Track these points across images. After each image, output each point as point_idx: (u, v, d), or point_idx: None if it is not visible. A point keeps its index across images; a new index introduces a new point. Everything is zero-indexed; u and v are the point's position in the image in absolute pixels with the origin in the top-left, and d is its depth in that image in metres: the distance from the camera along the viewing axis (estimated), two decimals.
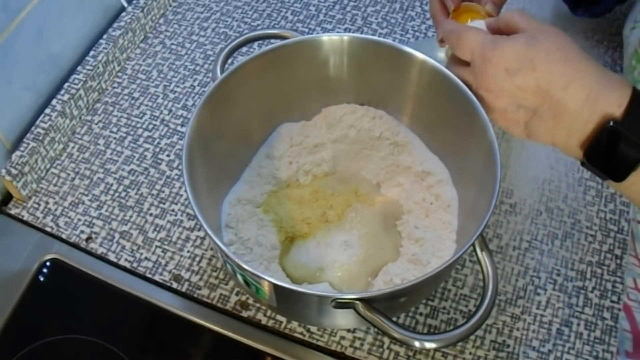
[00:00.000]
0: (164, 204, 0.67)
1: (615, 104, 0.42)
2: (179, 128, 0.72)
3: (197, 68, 0.77)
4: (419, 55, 0.55)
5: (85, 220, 0.66)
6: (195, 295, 0.61)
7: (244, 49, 0.75)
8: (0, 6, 0.62)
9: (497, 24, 0.50)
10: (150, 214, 0.66)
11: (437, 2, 0.57)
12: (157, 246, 0.64)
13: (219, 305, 0.60)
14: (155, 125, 0.73)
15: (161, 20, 0.82)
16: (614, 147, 0.42)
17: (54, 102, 0.70)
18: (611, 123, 0.41)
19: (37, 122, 0.68)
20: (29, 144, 0.67)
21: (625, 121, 0.41)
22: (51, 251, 0.63)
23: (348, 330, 0.58)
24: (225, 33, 0.80)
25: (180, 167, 0.69)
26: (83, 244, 0.64)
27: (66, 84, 0.71)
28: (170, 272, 0.62)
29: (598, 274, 0.61)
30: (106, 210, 0.66)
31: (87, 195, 0.67)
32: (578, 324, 0.58)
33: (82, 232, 0.65)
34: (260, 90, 0.59)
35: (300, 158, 0.62)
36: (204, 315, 0.59)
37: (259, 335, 0.58)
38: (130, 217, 0.66)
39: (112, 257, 0.63)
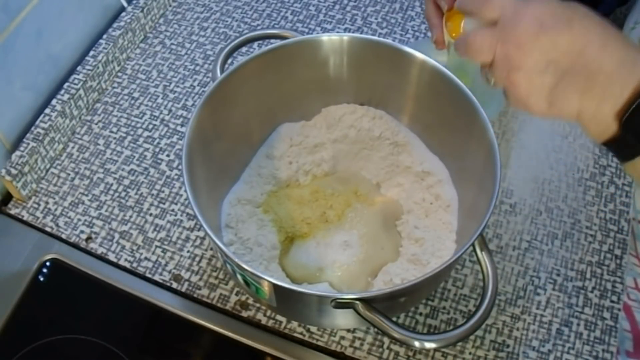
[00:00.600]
0: (164, 204, 0.67)
1: None
2: (179, 128, 0.72)
3: (197, 68, 0.77)
4: (419, 55, 0.55)
5: (85, 220, 0.66)
6: (195, 295, 0.61)
7: (244, 49, 0.75)
8: (0, 6, 0.62)
9: None
10: (150, 214, 0.66)
11: (432, 4, 0.56)
12: (157, 246, 0.64)
13: (218, 305, 0.60)
14: (155, 125, 0.73)
15: (161, 20, 0.82)
16: None
17: (53, 102, 0.70)
18: None
19: (37, 122, 0.68)
20: (28, 144, 0.67)
21: None
22: (51, 251, 0.63)
23: (348, 330, 0.58)
24: (225, 33, 0.80)
25: (180, 167, 0.69)
26: (83, 244, 0.64)
27: (66, 84, 0.71)
28: (170, 272, 0.62)
29: (598, 274, 0.61)
30: (106, 210, 0.66)
31: (87, 195, 0.67)
32: (578, 324, 0.58)
33: (82, 232, 0.65)
34: (260, 90, 0.59)
35: (300, 158, 0.62)
36: (204, 315, 0.59)
37: (258, 335, 0.58)
38: (130, 217, 0.66)
39: (112, 257, 0.63)
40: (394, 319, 0.46)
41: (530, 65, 0.41)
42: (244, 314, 0.59)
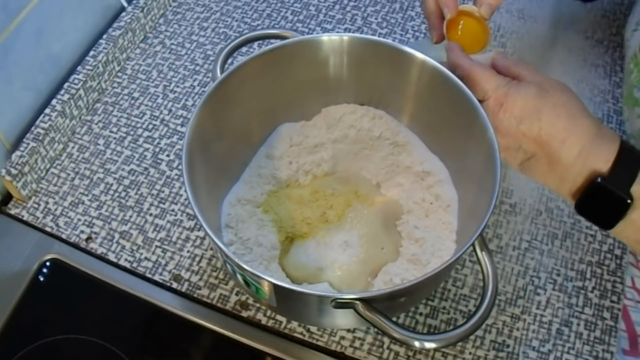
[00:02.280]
0: (164, 204, 0.67)
1: (603, 160, 0.46)
2: (178, 128, 0.72)
3: (197, 68, 0.77)
4: (419, 55, 0.55)
5: (85, 220, 0.66)
6: (195, 295, 0.61)
7: (244, 49, 0.75)
8: (0, 6, 0.62)
9: (500, 64, 0.53)
10: (150, 214, 0.66)
11: (434, 3, 0.57)
12: (157, 246, 0.64)
13: (218, 305, 0.60)
14: (155, 125, 0.73)
15: (161, 20, 0.82)
16: (601, 200, 0.47)
17: (54, 102, 0.70)
18: (599, 179, 0.46)
19: (37, 122, 0.68)
20: (28, 144, 0.67)
21: (611, 177, 0.46)
22: (51, 251, 0.63)
23: (348, 330, 0.58)
24: (225, 33, 0.80)
25: (180, 167, 0.69)
26: (83, 244, 0.64)
27: (66, 84, 0.71)
28: (170, 272, 0.62)
29: (598, 274, 0.61)
30: (106, 210, 0.66)
31: (87, 195, 0.67)
32: (578, 324, 0.58)
33: (82, 232, 0.65)
34: (260, 90, 0.59)
35: (300, 158, 0.62)
36: (204, 315, 0.59)
37: (258, 335, 0.58)
38: (130, 217, 0.66)
39: (112, 257, 0.63)
40: (394, 319, 0.46)
41: (505, 144, 0.50)
42: (244, 314, 0.59)
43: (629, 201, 0.46)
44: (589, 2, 0.78)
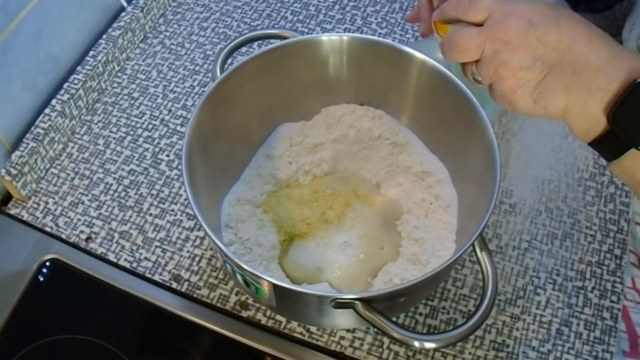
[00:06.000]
0: (164, 204, 0.67)
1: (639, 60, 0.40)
2: (178, 128, 0.72)
3: (197, 68, 0.77)
4: (419, 55, 0.55)
5: (85, 220, 0.66)
6: (194, 295, 0.61)
7: (243, 49, 0.75)
8: (0, 6, 0.62)
9: None
10: (150, 214, 0.66)
11: None
12: (156, 246, 0.64)
13: (218, 305, 0.60)
14: (154, 125, 0.73)
15: (161, 20, 0.82)
16: None
17: (53, 102, 0.70)
18: (639, 79, 0.39)
19: (37, 122, 0.68)
20: (28, 144, 0.67)
21: None
22: (51, 251, 0.63)
23: (348, 330, 0.58)
24: (225, 33, 0.80)
25: (180, 167, 0.69)
26: (83, 244, 0.64)
27: (66, 84, 0.71)
28: (169, 272, 0.62)
29: (598, 274, 0.61)
30: (106, 210, 0.66)
31: (86, 195, 0.67)
32: (578, 324, 0.58)
33: (81, 232, 0.65)
34: (260, 90, 0.59)
35: (300, 158, 0.62)
36: (204, 315, 0.59)
37: (258, 335, 0.58)
38: (130, 217, 0.66)
39: (111, 257, 0.63)
40: (394, 319, 0.46)
41: (517, 61, 0.42)
42: (244, 314, 0.59)
43: None
44: (599, 13, 0.77)
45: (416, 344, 0.44)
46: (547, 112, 0.43)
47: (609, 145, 0.42)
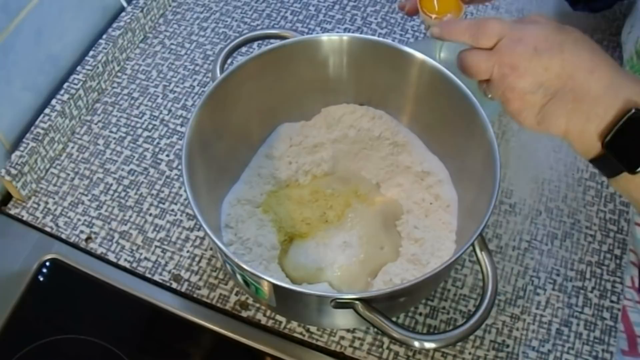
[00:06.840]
0: (164, 204, 0.67)
1: (636, 92, 0.42)
2: (178, 128, 0.72)
3: (197, 68, 0.77)
4: (419, 55, 0.55)
5: (85, 220, 0.66)
6: (194, 295, 0.61)
7: (243, 49, 0.75)
8: (0, 6, 0.62)
9: None
10: (150, 214, 0.66)
11: None
12: (156, 246, 0.64)
13: (218, 305, 0.60)
14: (154, 125, 0.73)
15: (161, 20, 0.82)
16: (636, 134, 0.42)
17: (53, 102, 0.70)
18: (633, 110, 0.42)
19: (37, 122, 0.68)
20: (28, 144, 0.67)
21: None
22: (51, 251, 0.63)
23: (348, 330, 0.58)
24: (225, 33, 0.80)
25: (180, 167, 0.69)
26: (82, 244, 0.64)
27: (66, 84, 0.71)
28: (169, 272, 0.62)
29: (597, 274, 0.61)
30: (106, 210, 0.66)
31: (86, 195, 0.67)
32: (577, 324, 0.58)
33: (81, 232, 0.65)
34: (260, 90, 0.59)
35: (300, 158, 0.62)
36: (204, 315, 0.59)
37: (258, 335, 0.58)
38: (130, 217, 0.66)
39: (111, 257, 0.63)
40: (394, 319, 0.46)
41: (523, 86, 0.45)
42: (244, 314, 0.59)
43: None
44: (598, 12, 0.77)
45: (416, 344, 0.44)
46: (549, 132, 0.46)
47: (605, 165, 0.45)
